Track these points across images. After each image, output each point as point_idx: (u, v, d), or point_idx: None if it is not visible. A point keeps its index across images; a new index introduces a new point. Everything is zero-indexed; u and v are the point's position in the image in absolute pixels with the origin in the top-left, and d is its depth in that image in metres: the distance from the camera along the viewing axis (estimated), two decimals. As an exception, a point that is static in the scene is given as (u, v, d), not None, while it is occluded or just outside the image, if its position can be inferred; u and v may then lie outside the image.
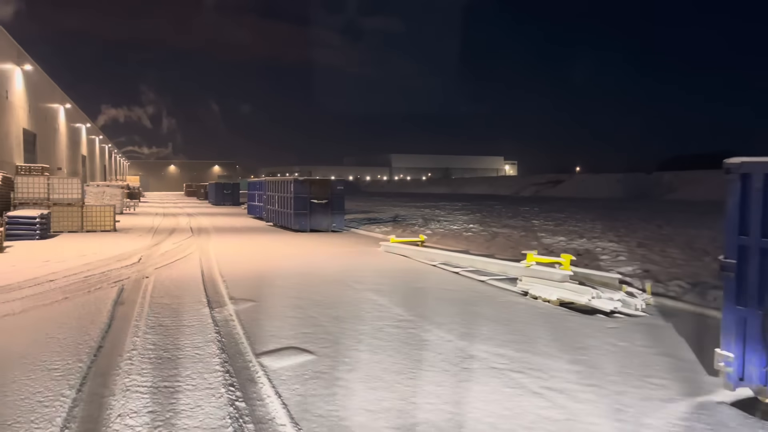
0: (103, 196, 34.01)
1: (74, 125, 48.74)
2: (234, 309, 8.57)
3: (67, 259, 13.52)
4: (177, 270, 12.21)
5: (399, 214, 31.54)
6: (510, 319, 8.24)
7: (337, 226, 23.25)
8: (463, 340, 7.05)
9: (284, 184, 24.43)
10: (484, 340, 7.04)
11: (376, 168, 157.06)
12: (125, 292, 9.78)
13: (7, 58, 25.30)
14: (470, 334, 7.30)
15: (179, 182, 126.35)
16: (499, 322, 8.03)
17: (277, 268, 12.86)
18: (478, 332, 7.43)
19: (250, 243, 18.42)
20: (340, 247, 17.24)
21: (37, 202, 20.62)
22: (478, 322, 7.96)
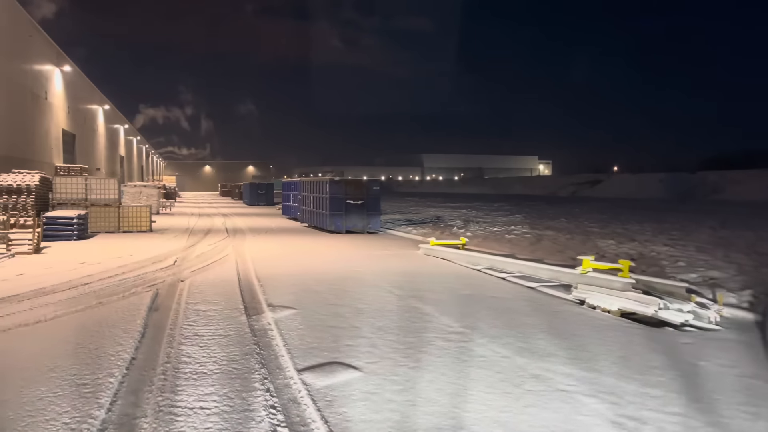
0: (139, 197, 34.27)
1: (112, 126, 49.43)
2: (272, 317, 8.10)
3: (103, 261, 13.32)
4: (213, 273, 11.85)
5: (435, 215, 30.89)
6: (569, 331, 7.58)
7: (372, 228, 22.76)
8: (521, 356, 6.43)
9: (319, 184, 24.05)
10: (545, 357, 6.41)
11: (408, 168, 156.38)
12: (160, 297, 9.42)
13: (47, 60, 25.55)
14: (529, 350, 6.68)
15: (214, 182, 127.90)
16: (557, 335, 7.38)
17: (315, 271, 12.40)
18: (536, 347, 6.80)
19: (285, 245, 18.05)
20: (378, 250, 16.72)
21: (75, 203, 20.67)
22: (535, 335, 7.32)
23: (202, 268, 12.43)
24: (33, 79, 23.12)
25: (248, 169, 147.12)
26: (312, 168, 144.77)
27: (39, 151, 23.61)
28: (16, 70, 20.83)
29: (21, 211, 17.18)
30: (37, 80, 23.80)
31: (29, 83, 22.54)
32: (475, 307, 8.99)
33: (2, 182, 17.22)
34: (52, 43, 26.20)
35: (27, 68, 22.26)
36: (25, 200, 17.28)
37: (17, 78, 20.98)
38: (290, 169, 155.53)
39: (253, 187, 55.36)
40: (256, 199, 52.67)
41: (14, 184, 17.21)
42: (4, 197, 17.10)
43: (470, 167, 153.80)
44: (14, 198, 17.18)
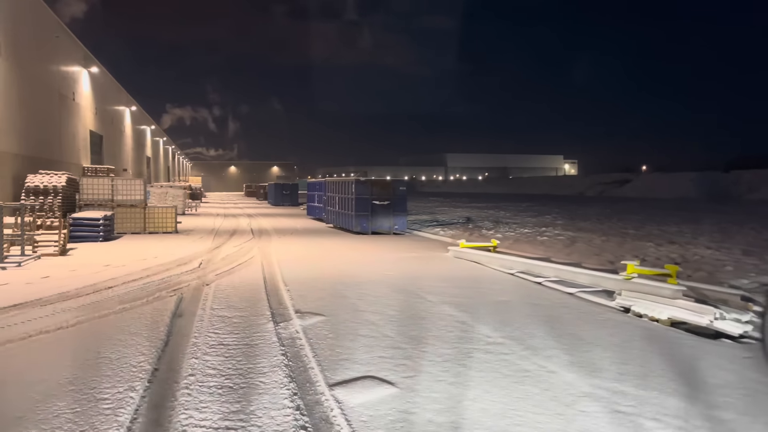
0: (165, 197, 34.38)
1: (139, 127, 49.84)
2: (300, 325, 7.73)
3: (128, 263, 13.13)
4: (238, 276, 11.55)
5: (462, 216, 30.37)
6: (617, 343, 7.06)
7: (399, 229, 22.34)
8: (569, 370, 5.95)
9: (345, 185, 23.72)
10: (595, 372, 5.91)
11: (432, 168, 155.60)
12: (184, 302, 9.13)
13: (74, 61, 25.66)
14: (576, 363, 6.19)
15: (239, 183, 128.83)
16: (605, 346, 6.87)
17: (342, 274, 12.02)
18: (584, 360, 6.31)
19: (311, 246, 17.73)
20: (406, 252, 16.29)
21: (101, 204, 20.63)
22: (581, 347, 6.82)
23: (228, 271, 12.14)
24: (61, 80, 23.21)
25: (273, 170, 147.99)
26: (335, 168, 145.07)
27: (67, 152, 23.70)
28: (43, 71, 20.89)
29: (48, 212, 17.14)
30: (65, 81, 23.90)
31: (57, 84, 22.62)
32: (513, 314, 8.51)
33: (29, 183, 17.20)
34: (79, 44, 26.32)
35: (54, 69, 22.34)
36: (52, 201, 17.25)
37: (45, 79, 21.04)
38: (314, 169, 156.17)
39: (277, 187, 55.37)
40: (281, 200, 52.67)
41: (41, 185, 17.18)
42: (31, 198, 17.08)
43: (494, 167, 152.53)
44: (41, 199, 17.16)
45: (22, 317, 7.94)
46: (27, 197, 16.98)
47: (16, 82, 17.34)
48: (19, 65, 17.63)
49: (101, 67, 30.71)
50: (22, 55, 17.96)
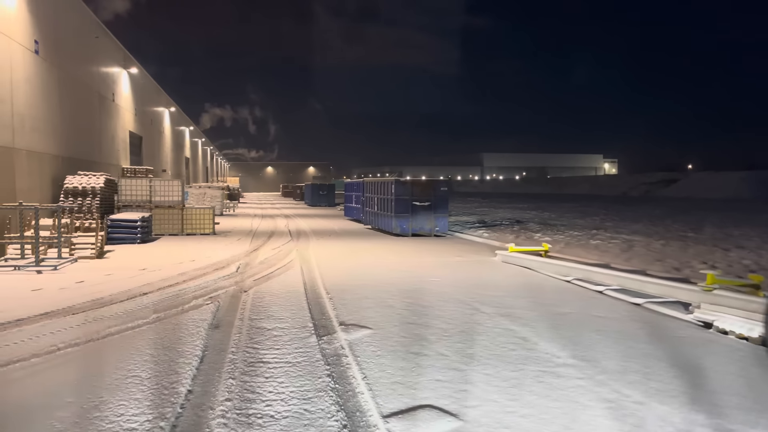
0: (204, 198, 34.34)
1: (178, 128, 50.20)
2: (346, 339, 7.07)
3: (164, 267, 12.72)
4: (277, 283, 10.98)
5: (504, 217, 29.40)
6: (707, 365, 6.19)
7: (440, 231, 21.57)
8: (661, 402, 5.13)
9: (384, 185, 23.07)
10: (691, 404, 5.08)
11: (468, 167, 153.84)
12: (221, 310, 8.58)
13: (114, 62, 25.68)
14: (665, 392, 5.36)
15: (276, 183, 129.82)
16: (694, 370, 6.01)
17: (386, 281, 11.34)
18: (674, 388, 5.48)
19: (351, 249, 17.12)
20: (450, 256, 15.52)
21: (139, 205, 20.46)
22: (666, 371, 5.98)
23: (266, 277, 11.60)
24: (100, 81, 23.19)
25: (309, 170, 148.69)
26: (370, 168, 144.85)
27: (106, 153, 23.68)
28: (83, 71, 20.83)
29: (86, 213, 16.95)
30: (105, 82, 23.88)
31: (96, 85, 22.58)
32: (579, 329, 7.69)
33: (68, 184, 17.06)
34: (119, 44, 26.35)
35: (94, 70, 22.32)
36: (90, 203, 17.06)
37: (85, 80, 20.98)
38: (349, 169, 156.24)
39: (314, 187, 55.11)
40: (318, 200, 52.37)
41: (80, 187, 17.02)
42: (69, 199, 16.93)
43: (532, 166, 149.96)
44: (80, 200, 16.99)
45: (51, 327, 7.51)
46: (66, 198, 16.84)
47: (55, 83, 17.21)
48: (59, 66, 17.51)
49: (141, 68, 30.79)
50: (61, 56, 17.85)
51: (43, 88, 16.29)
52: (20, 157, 14.59)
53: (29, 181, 15.15)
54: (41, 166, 16.06)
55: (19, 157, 14.55)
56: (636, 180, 80.00)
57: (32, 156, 15.42)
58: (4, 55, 13.71)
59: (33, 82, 15.54)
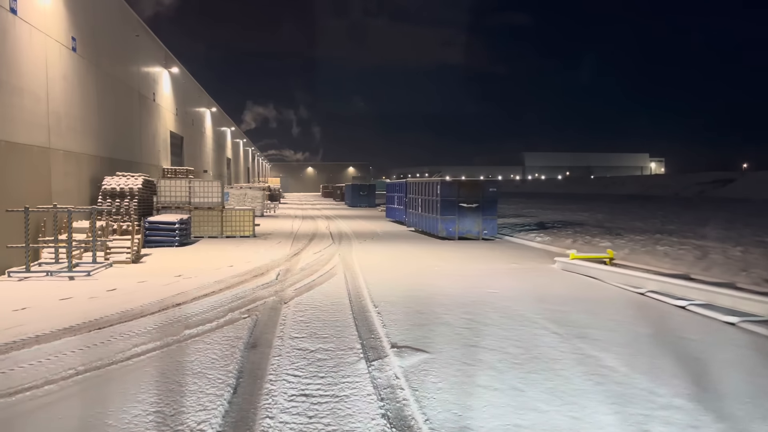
0: (244, 199, 33.97)
1: (220, 129, 50.20)
2: (400, 366, 6.11)
3: (200, 273, 12.01)
4: (320, 293, 10.10)
5: (555, 219, 27.99)
6: None
7: (488, 234, 20.44)
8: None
9: (429, 186, 22.04)
10: None
11: (508, 167, 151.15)
12: (259, 326, 7.73)
13: (155, 61, 25.36)
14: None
15: (316, 183, 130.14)
16: (838, 419, 4.82)
17: (437, 291, 10.33)
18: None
19: (396, 254, 16.15)
20: (504, 263, 14.40)
21: (179, 206, 19.97)
22: (802, 419, 4.80)
23: (308, 286, 10.74)
24: (141, 80, 22.85)
25: (348, 170, 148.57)
26: (409, 168, 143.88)
27: (146, 153, 23.35)
28: (123, 70, 20.46)
29: (123, 215, 16.47)
30: (145, 81, 23.55)
31: (137, 84, 22.23)
32: (672, 356, 6.53)
33: (106, 186, 16.61)
34: (160, 44, 26.04)
35: (134, 69, 21.97)
36: (128, 204, 16.57)
37: (124, 78, 20.61)
38: (388, 169, 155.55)
39: (354, 188, 54.43)
40: (358, 201, 51.68)
41: (117, 188, 16.55)
42: (107, 201, 16.47)
43: (575, 166, 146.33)
44: (117, 202, 16.52)
45: (73, 344, 6.77)
46: (104, 200, 16.40)
47: (93, 81, 16.78)
48: (97, 64, 17.08)
49: (182, 68, 30.52)
50: (100, 54, 17.43)
51: (80, 87, 15.86)
52: (57, 158, 14.15)
53: (66, 183, 14.71)
54: (79, 166, 15.63)
55: (56, 157, 14.11)
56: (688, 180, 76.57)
57: (69, 156, 14.98)
58: (39, 52, 13.27)
59: (70, 80, 15.11)
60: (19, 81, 12.31)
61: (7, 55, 11.81)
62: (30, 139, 12.80)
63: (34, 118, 12.98)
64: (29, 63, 12.79)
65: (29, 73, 12.78)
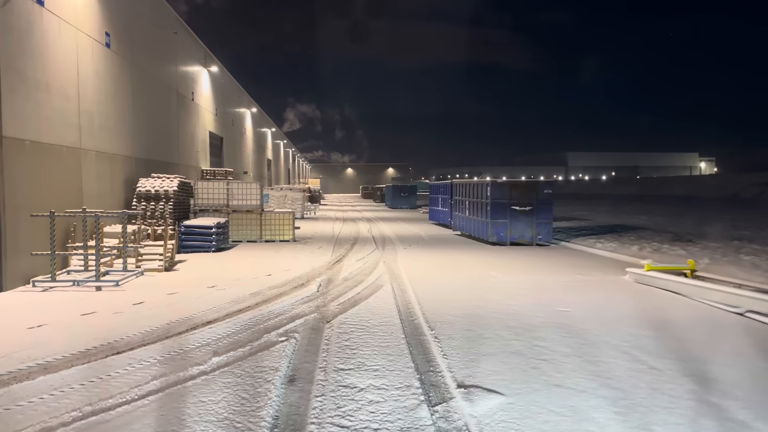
0: (284, 201, 33.24)
1: (260, 130, 49.82)
2: (471, 414, 4.91)
3: (235, 284, 11.04)
4: (366, 309, 8.97)
5: (611, 223, 26.25)
6: None
7: (543, 239, 19.00)
8: None
9: (477, 187, 20.73)
10: None
11: (550, 168, 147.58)
12: (298, 353, 6.64)
13: (193, 59, 24.73)
14: None
15: (356, 184, 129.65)
16: None
17: (498, 308, 9.07)
18: None
19: (444, 261, 14.93)
20: (568, 273, 13.01)
21: (216, 209, 19.20)
22: None
23: (353, 300, 9.62)
24: (179, 79, 22.22)
25: (388, 171, 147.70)
26: (449, 169, 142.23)
27: (184, 154, 22.72)
28: (160, 68, 19.81)
29: (158, 219, 15.72)
30: (183, 80, 22.93)
31: (174, 83, 21.60)
32: (818, 407, 5.13)
33: (141, 188, 15.88)
34: (199, 42, 25.42)
35: (172, 67, 21.33)
36: (163, 207, 15.81)
37: (162, 77, 19.96)
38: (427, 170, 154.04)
39: (395, 189, 53.34)
40: (399, 202, 50.61)
41: (152, 190, 15.80)
42: (142, 204, 15.75)
43: (621, 166, 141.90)
44: (152, 205, 15.77)
45: (84, 375, 5.81)
46: (138, 203, 15.68)
47: (128, 79, 16.09)
48: (132, 61, 16.39)
49: (221, 67, 29.93)
50: (135, 51, 16.74)
51: (114, 85, 15.16)
52: (88, 159, 13.44)
53: (99, 185, 14.01)
54: (112, 168, 14.93)
55: (87, 158, 13.40)
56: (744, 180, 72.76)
57: (102, 157, 14.28)
58: (69, 48, 12.56)
59: (103, 78, 14.42)
60: (47, 77, 11.60)
61: (32, 49, 11.09)
62: (59, 138, 12.08)
63: (63, 116, 12.26)
64: (58, 58, 12.07)
65: (58, 69, 12.06)
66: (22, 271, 10.73)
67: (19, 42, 10.66)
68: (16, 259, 10.52)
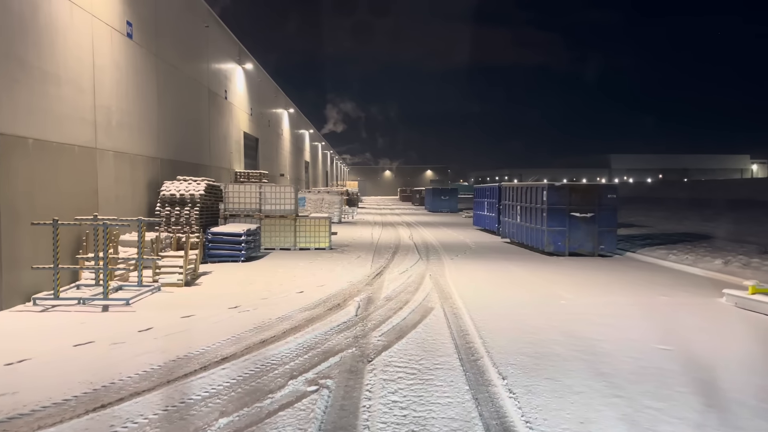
0: (321, 204, 31.86)
1: (297, 131, 48.75)
2: None
3: (262, 304, 9.54)
4: (415, 344, 7.32)
5: (676, 230, 23.96)
6: None
7: (606, 249, 17.04)
8: None
9: (530, 191, 18.87)
10: None
11: (592, 170, 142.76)
12: (332, 411, 5.06)
13: (227, 56, 23.49)
14: None
15: (394, 187, 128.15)
16: None
17: (582, 344, 7.30)
18: None
19: (499, 276, 13.18)
20: (645, 294, 11.11)
21: (248, 214, 17.87)
22: None
23: (398, 329, 7.99)
24: (211, 76, 21.02)
25: (426, 174, 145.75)
26: (488, 171, 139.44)
27: (216, 155, 21.52)
28: (189, 63, 18.58)
29: (184, 226, 14.42)
30: (216, 77, 21.73)
31: (206, 80, 20.39)
32: None
33: (165, 192, 14.60)
34: (233, 37, 24.20)
35: (204, 64, 20.12)
36: (189, 213, 14.50)
37: (191, 73, 18.72)
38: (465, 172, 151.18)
39: (435, 192, 51.59)
40: (439, 205, 48.89)
41: (177, 194, 14.50)
42: (166, 209, 14.47)
43: (667, 168, 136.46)
44: (177, 210, 14.48)
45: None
46: (162, 208, 14.42)
47: (153, 74, 14.86)
48: (158, 54, 15.15)
49: (257, 65, 28.71)
50: (162, 44, 15.50)
51: (137, 79, 13.93)
52: (105, 160, 12.20)
53: (117, 189, 12.77)
54: (133, 170, 13.69)
55: (104, 159, 12.16)
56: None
57: (121, 158, 13.04)
58: (83, 36, 11.33)
59: (124, 71, 13.19)
60: (55, 67, 10.34)
61: (37, 35, 9.83)
62: (70, 137, 10.83)
63: (75, 112, 11.01)
64: (69, 47, 10.82)
65: (69, 59, 10.81)
66: (24, 287, 9.47)
67: (21, 26, 9.41)
68: (15, 273, 9.25)
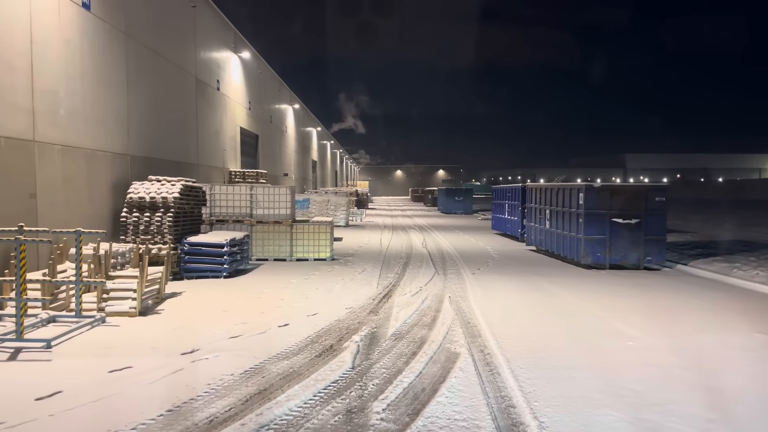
0: (327, 206, 29.46)
1: (304, 129, 46.51)
2: None
3: (229, 346, 7.16)
4: (437, 426, 4.91)
5: (721, 236, 21.34)
6: None
7: (653, 261, 14.57)
8: None
9: (563, 193, 16.40)
10: None
11: (607, 170, 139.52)
12: None
13: (220, 42, 21.13)
14: None
15: (405, 186, 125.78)
16: None
17: (684, 428, 4.88)
18: None
19: (536, 300, 10.76)
20: (731, 328, 8.64)
21: (238, 220, 15.55)
22: None
23: (410, 398, 5.55)
24: (200, 64, 18.72)
25: (438, 173, 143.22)
26: (501, 171, 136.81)
27: (206, 153, 19.23)
28: (172, 48, 16.24)
29: (155, 235, 12.10)
30: (206, 65, 19.43)
31: (193, 67, 18.07)
32: None
33: (132, 194, 12.28)
34: (226, 21, 21.81)
35: (190, 49, 17.81)
36: (161, 219, 12.18)
37: (174, 58, 16.38)
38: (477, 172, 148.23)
39: (449, 192, 49.12)
40: (453, 207, 46.44)
41: (147, 197, 12.18)
42: (134, 215, 12.17)
43: (685, 168, 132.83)
44: (147, 216, 12.17)
45: None
46: (130, 214, 12.14)
47: (122, 55, 12.56)
48: (128, 33, 12.84)
49: (256, 54, 26.36)
50: (133, 20, 13.17)
51: (97, 60, 11.64)
52: (48, 155, 9.91)
53: (66, 191, 10.48)
54: (91, 168, 11.41)
55: (46, 154, 9.87)
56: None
57: (73, 154, 10.75)
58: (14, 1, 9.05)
59: (78, 49, 10.91)
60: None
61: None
62: (-6, 126, 8.55)
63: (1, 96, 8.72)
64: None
65: (-7, 29, 8.53)
66: None
67: None
68: None
